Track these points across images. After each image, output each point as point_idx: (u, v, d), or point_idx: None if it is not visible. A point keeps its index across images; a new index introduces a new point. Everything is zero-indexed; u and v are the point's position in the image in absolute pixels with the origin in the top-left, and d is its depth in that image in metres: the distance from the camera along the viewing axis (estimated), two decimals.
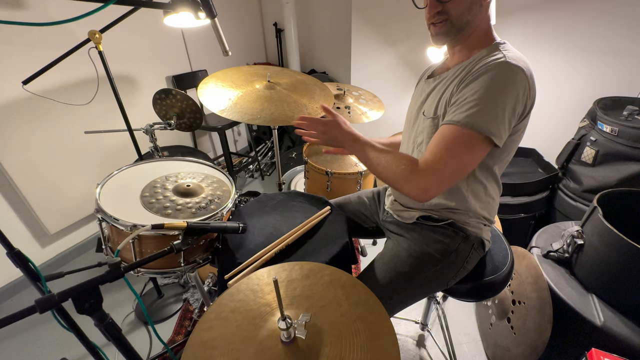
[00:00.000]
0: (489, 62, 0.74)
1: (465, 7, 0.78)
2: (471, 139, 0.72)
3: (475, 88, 0.73)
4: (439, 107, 0.84)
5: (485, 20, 0.82)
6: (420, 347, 1.55)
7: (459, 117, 0.73)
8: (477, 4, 0.78)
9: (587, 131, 1.57)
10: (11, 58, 1.52)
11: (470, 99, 0.73)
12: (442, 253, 0.93)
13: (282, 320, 0.56)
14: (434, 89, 0.90)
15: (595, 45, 1.67)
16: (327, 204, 1.11)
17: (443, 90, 0.85)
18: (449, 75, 0.86)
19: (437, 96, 0.86)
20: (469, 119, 0.71)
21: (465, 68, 0.80)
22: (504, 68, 0.71)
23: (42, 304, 0.57)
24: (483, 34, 0.83)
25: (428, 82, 0.94)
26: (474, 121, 0.71)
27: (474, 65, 0.78)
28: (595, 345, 0.98)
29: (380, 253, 1.04)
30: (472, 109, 0.71)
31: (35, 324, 1.60)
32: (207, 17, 1.02)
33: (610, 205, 1.15)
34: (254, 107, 1.30)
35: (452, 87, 0.81)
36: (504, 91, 0.71)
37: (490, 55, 0.76)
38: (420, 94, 0.97)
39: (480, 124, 0.71)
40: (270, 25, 2.93)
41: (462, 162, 0.74)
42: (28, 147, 1.66)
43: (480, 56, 0.79)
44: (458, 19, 0.79)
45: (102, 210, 0.94)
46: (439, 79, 0.89)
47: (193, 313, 1.67)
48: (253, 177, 2.88)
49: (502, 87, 0.71)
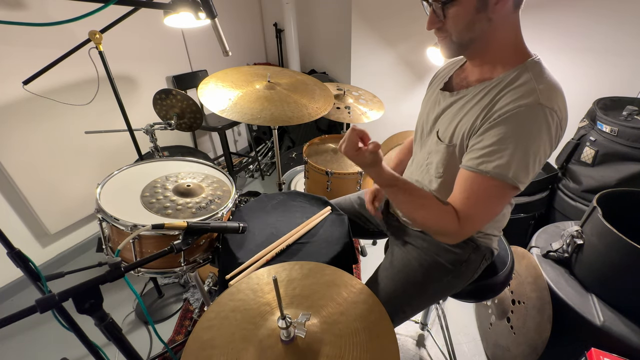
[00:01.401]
0: (520, 104, 0.66)
1: (463, 24, 0.70)
2: (502, 189, 0.69)
3: (505, 134, 0.67)
4: (455, 134, 0.79)
5: (507, 34, 0.73)
6: (420, 347, 1.55)
7: (489, 168, 0.68)
8: (483, 20, 0.69)
9: (586, 131, 1.57)
10: (11, 58, 1.52)
11: (501, 147, 0.67)
12: (453, 263, 0.92)
13: (281, 319, 0.56)
14: (451, 105, 0.83)
15: (595, 45, 1.67)
16: (327, 204, 1.12)
17: (462, 114, 0.78)
18: (469, 95, 0.78)
19: (455, 119, 0.80)
20: (499, 169, 0.67)
21: (488, 92, 0.73)
22: (537, 114, 0.64)
23: (43, 303, 0.57)
24: (508, 49, 0.74)
25: (444, 95, 0.86)
26: (505, 172, 0.66)
27: (501, 96, 0.70)
28: (595, 345, 0.98)
29: (386, 261, 1.02)
30: (503, 159, 0.66)
31: (35, 324, 1.61)
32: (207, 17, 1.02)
33: (610, 205, 1.15)
34: (254, 107, 1.30)
35: (472, 115, 0.75)
36: (537, 140, 0.65)
37: (520, 87, 0.68)
38: (434, 104, 0.90)
39: (510, 175, 0.66)
40: (270, 25, 2.93)
41: (494, 211, 0.74)
42: (28, 147, 1.66)
43: (507, 79, 0.71)
44: (458, 37, 0.73)
45: (102, 210, 0.95)
46: (457, 96, 0.82)
47: (193, 313, 1.67)
48: (253, 177, 2.88)
49: (536, 135, 0.65)
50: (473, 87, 0.79)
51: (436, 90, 0.91)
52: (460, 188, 0.73)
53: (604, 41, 1.64)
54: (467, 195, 0.72)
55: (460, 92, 0.81)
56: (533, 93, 0.66)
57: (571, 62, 1.73)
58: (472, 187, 0.71)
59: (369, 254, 2.09)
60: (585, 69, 1.72)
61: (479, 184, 0.70)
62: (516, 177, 0.66)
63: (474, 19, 0.69)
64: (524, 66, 0.71)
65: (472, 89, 0.79)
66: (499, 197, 0.71)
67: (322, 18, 2.73)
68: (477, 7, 0.68)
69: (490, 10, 0.68)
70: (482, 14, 0.68)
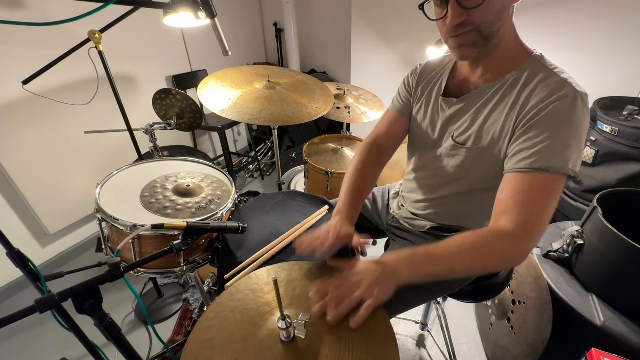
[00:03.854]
0: (560, 95, 0.65)
1: (495, 12, 0.65)
2: (562, 182, 0.66)
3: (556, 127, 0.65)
4: (483, 137, 0.76)
5: (512, 26, 0.71)
6: (420, 347, 1.55)
7: (549, 163, 0.64)
8: (507, 8, 0.67)
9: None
10: (11, 58, 1.52)
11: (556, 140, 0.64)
12: None
13: (281, 320, 0.56)
14: (462, 110, 0.81)
15: (595, 45, 1.67)
16: (326, 204, 1.11)
17: (484, 115, 0.76)
18: (484, 95, 0.76)
19: (477, 121, 0.77)
20: (560, 162, 0.64)
21: (505, 90, 0.72)
22: (578, 102, 0.64)
23: (42, 304, 0.57)
24: (512, 42, 0.73)
25: (449, 101, 0.84)
26: (565, 165, 0.64)
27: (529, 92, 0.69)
28: (595, 345, 0.97)
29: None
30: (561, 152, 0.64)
31: (35, 324, 1.60)
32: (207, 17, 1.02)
33: (610, 205, 1.14)
34: (254, 107, 1.30)
35: (499, 115, 0.73)
36: (585, 126, 0.66)
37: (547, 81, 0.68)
38: (436, 111, 0.88)
39: (571, 165, 0.64)
40: (270, 25, 2.93)
41: (553, 208, 0.66)
42: (28, 147, 1.66)
43: (522, 75, 0.71)
44: (489, 27, 0.67)
45: (102, 210, 0.94)
46: (467, 100, 0.80)
47: (193, 313, 1.67)
48: (253, 177, 2.88)
49: (583, 122, 0.65)
50: (482, 88, 0.77)
51: (434, 96, 0.89)
52: (513, 192, 0.67)
53: (604, 41, 1.64)
54: (523, 197, 0.66)
55: (471, 96, 0.80)
56: (566, 84, 0.66)
57: (571, 62, 1.73)
58: (531, 188, 0.66)
59: (369, 254, 2.08)
60: (586, 69, 1.72)
61: (539, 183, 0.65)
62: (575, 166, 0.65)
63: (504, 4, 0.66)
64: (534, 61, 0.71)
65: (482, 89, 0.77)
66: (559, 192, 0.66)
67: (322, 18, 2.73)
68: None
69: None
70: (508, 1, 0.67)
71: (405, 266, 0.64)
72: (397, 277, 0.63)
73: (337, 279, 0.64)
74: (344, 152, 1.77)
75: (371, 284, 0.61)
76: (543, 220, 0.65)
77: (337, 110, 1.76)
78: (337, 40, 2.66)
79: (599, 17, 1.62)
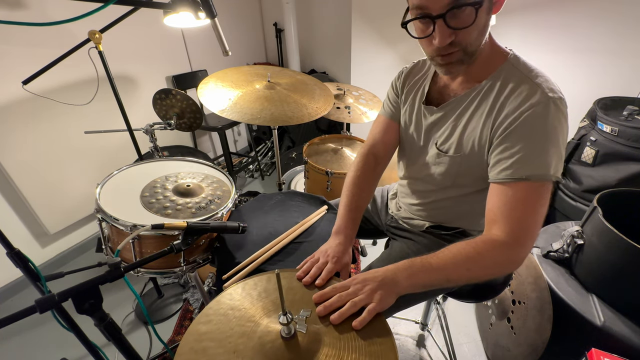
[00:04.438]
0: (532, 103, 0.65)
1: (479, 29, 0.66)
2: (546, 189, 0.66)
3: (531, 135, 0.65)
4: (463, 144, 0.77)
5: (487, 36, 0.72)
6: (420, 347, 1.55)
7: (528, 172, 0.65)
8: (489, 21, 0.68)
9: (587, 131, 1.57)
10: (11, 58, 1.52)
11: (533, 148, 0.65)
12: None
13: (283, 315, 0.56)
14: (443, 119, 0.82)
15: (595, 45, 1.67)
16: (325, 204, 1.11)
17: (463, 123, 0.76)
18: (462, 103, 0.77)
19: (457, 129, 0.78)
20: (540, 170, 0.64)
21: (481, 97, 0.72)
22: (551, 108, 0.64)
23: (42, 304, 0.57)
24: (488, 47, 0.73)
25: (430, 109, 0.84)
26: (546, 172, 0.64)
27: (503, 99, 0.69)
28: (595, 345, 0.97)
29: (385, 253, 1.02)
30: (540, 159, 0.64)
31: (35, 324, 1.60)
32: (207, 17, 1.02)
33: (610, 205, 1.14)
34: (254, 107, 1.30)
35: (476, 123, 0.73)
36: (561, 130, 0.65)
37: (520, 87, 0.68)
38: (419, 118, 0.88)
39: (552, 172, 0.64)
40: (270, 25, 2.93)
41: (543, 214, 0.66)
42: (28, 147, 1.66)
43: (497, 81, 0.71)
44: (472, 44, 0.67)
45: (102, 210, 0.94)
46: (447, 108, 0.80)
47: (193, 313, 1.67)
48: (253, 177, 2.88)
49: (558, 127, 0.65)
50: (460, 95, 0.78)
51: (417, 103, 0.89)
52: (499, 203, 0.68)
53: (604, 41, 1.64)
54: (510, 208, 0.66)
55: (450, 104, 0.80)
56: (537, 89, 0.66)
57: (572, 62, 1.73)
58: (515, 198, 0.66)
59: (368, 254, 2.09)
60: (586, 69, 1.72)
61: (522, 192, 0.66)
62: (556, 171, 0.65)
63: (487, 19, 0.66)
64: (508, 64, 0.71)
65: (461, 96, 0.77)
66: (545, 198, 0.66)
67: (322, 18, 2.73)
68: (487, 7, 0.65)
69: (494, 9, 0.67)
70: (489, 15, 0.67)
71: (404, 277, 0.65)
72: (397, 287, 0.64)
73: (340, 285, 0.65)
74: (344, 152, 1.77)
75: (373, 289, 0.62)
76: (532, 228, 0.66)
77: (337, 110, 1.76)
78: (337, 40, 2.66)
79: (599, 17, 1.62)
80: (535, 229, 0.66)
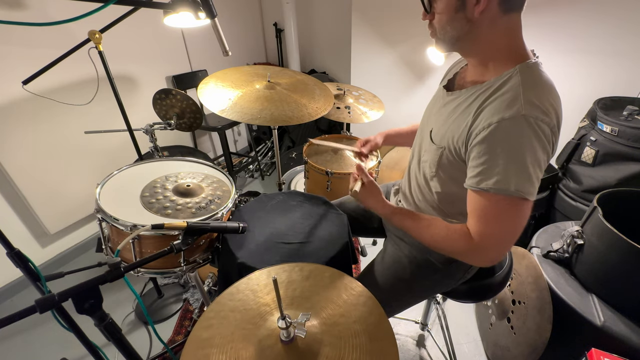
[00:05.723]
0: (503, 117, 0.64)
1: (445, 21, 0.72)
2: (511, 204, 0.66)
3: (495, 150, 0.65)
4: (444, 138, 0.79)
5: (496, 38, 0.71)
6: (420, 347, 1.55)
7: (490, 184, 0.66)
8: (461, 20, 0.69)
9: (587, 131, 1.57)
10: (11, 58, 1.52)
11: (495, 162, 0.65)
12: (444, 262, 0.92)
13: (281, 320, 0.56)
14: (445, 106, 0.83)
15: (595, 45, 1.67)
16: (327, 204, 1.12)
17: (453, 117, 0.78)
18: (461, 97, 0.78)
19: (447, 122, 0.79)
20: (500, 185, 0.65)
21: (478, 97, 0.72)
22: (522, 125, 0.63)
23: (42, 304, 0.57)
24: (500, 52, 0.72)
25: (444, 93, 0.86)
26: (506, 187, 0.64)
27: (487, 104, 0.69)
28: (595, 345, 0.97)
29: (379, 255, 1.04)
30: (500, 174, 0.65)
31: (35, 324, 1.60)
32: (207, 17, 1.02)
33: (610, 205, 1.15)
34: (254, 107, 1.30)
35: (461, 121, 0.74)
36: (529, 149, 0.63)
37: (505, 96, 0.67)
38: (435, 101, 0.91)
39: (513, 188, 0.64)
40: (270, 25, 2.93)
41: (513, 227, 0.68)
42: (28, 147, 1.66)
43: (496, 84, 0.70)
44: (441, 32, 0.74)
45: (102, 210, 0.94)
46: (452, 97, 0.81)
47: (193, 313, 1.67)
48: (253, 177, 2.88)
49: (527, 145, 0.63)
50: (466, 89, 0.78)
51: (441, 87, 0.91)
52: (471, 207, 0.72)
53: (604, 41, 1.64)
54: (479, 214, 0.70)
55: (455, 93, 0.81)
56: (516, 103, 0.64)
57: (572, 62, 1.73)
58: (482, 206, 0.69)
59: (368, 254, 2.09)
60: (586, 69, 1.72)
61: (487, 202, 0.68)
62: (520, 189, 0.64)
63: (454, 17, 0.70)
64: (515, 70, 0.69)
65: (464, 91, 0.78)
66: (512, 212, 0.67)
67: (322, 18, 2.73)
68: (456, 6, 0.69)
69: (469, 12, 0.67)
70: (460, 14, 0.69)
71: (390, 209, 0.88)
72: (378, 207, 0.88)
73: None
74: (344, 152, 1.77)
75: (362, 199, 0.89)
76: (496, 237, 0.70)
77: (337, 110, 1.76)
78: (337, 40, 2.66)
79: (598, 17, 1.61)
80: (500, 239, 0.70)
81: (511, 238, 0.70)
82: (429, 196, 0.90)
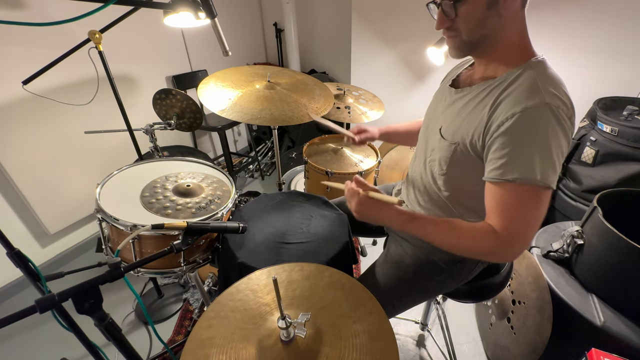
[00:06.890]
0: (527, 105, 0.64)
1: (475, 22, 0.70)
2: (535, 193, 0.66)
3: (520, 138, 0.65)
4: (458, 134, 0.78)
5: (513, 33, 0.72)
6: (420, 347, 1.55)
7: (515, 174, 0.65)
8: (494, 16, 0.69)
9: (587, 131, 1.57)
10: (11, 58, 1.52)
11: (520, 151, 0.65)
12: (448, 263, 0.92)
13: (281, 320, 0.56)
14: (454, 103, 0.82)
15: (595, 45, 1.67)
16: (327, 204, 1.12)
17: (465, 112, 0.77)
18: (472, 94, 0.78)
19: (458, 117, 0.79)
20: (526, 174, 0.64)
21: (491, 91, 0.72)
22: (546, 113, 0.64)
23: (42, 304, 0.57)
24: (513, 48, 0.73)
25: (451, 91, 0.85)
26: (532, 176, 0.64)
27: (504, 96, 0.69)
28: (595, 345, 0.97)
29: (382, 256, 1.03)
30: (526, 163, 0.65)
31: (35, 324, 1.60)
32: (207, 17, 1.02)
33: (610, 205, 1.15)
34: (254, 107, 1.30)
35: (476, 116, 0.73)
36: (554, 137, 0.64)
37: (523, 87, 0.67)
38: (441, 99, 0.90)
39: (539, 177, 0.64)
40: (270, 25, 2.92)
41: (536, 217, 0.68)
42: (28, 147, 1.66)
43: (510, 78, 0.70)
44: (469, 34, 0.72)
45: (102, 210, 0.94)
46: (461, 93, 0.81)
47: (193, 313, 1.67)
48: (253, 177, 2.88)
49: (551, 133, 0.64)
50: (476, 85, 0.78)
51: (446, 85, 0.90)
52: (492, 202, 0.71)
53: (604, 41, 1.64)
54: (502, 208, 0.69)
55: (464, 90, 0.81)
56: (538, 93, 0.65)
57: (572, 62, 1.73)
58: (505, 198, 0.68)
59: (369, 254, 2.09)
60: (586, 69, 1.72)
61: (511, 194, 0.67)
62: (545, 178, 0.64)
63: (486, 15, 0.69)
64: (527, 65, 0.70)
65: (475, 87, 0.78)
66: (535, 202, 0.67)
67: (322, 18, 2.73)
68: (489, 3, 0.68)
69: (501, 6, 0.68)
70: (493, 10, 0.68)
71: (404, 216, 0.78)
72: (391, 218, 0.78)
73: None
74: (344, 152, 1.77)
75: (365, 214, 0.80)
76: (522, 229, 0.68)
77: (337, 110, 1.76)
78: (337, 40, 2.65)
79: (599, 17, 1.61)
80: (526, 230, 0.68)
81: (535, 229, 0.69)
82: (436, 196, 0.89)
